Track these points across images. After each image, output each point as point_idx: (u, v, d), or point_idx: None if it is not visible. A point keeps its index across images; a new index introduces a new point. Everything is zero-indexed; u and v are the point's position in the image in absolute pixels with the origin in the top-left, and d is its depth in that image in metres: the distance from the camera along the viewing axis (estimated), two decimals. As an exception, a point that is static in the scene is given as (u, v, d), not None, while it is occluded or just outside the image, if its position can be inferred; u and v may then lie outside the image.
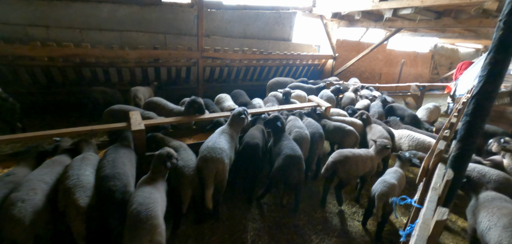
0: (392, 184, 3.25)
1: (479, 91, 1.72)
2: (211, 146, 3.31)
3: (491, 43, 1.69)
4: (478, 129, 1.76)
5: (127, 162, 2.84)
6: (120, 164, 2.72)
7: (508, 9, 1.60)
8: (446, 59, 15.94)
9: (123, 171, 2.65)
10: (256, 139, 3.84)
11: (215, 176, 3.24)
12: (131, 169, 2.86)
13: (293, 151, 3.62)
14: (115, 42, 6.64)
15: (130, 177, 2.70)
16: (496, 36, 1.65)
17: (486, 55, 1.72)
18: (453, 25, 7.13)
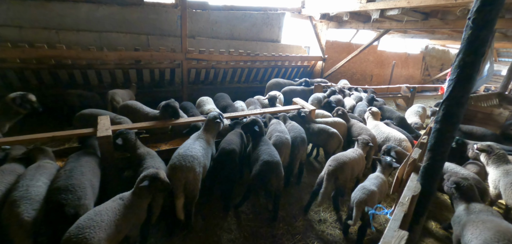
0: (371, 191, 3.08)
1: (448, 96, 1.57)
2: (183, 154, 3.12)
3: (460, 43, 1.54)
4: (449, 137, 1.61)
5: (86, 172, 2.64)
6: (77, 174, 2.51)
7: (477, 6, 1.45)
8: (437, 60, 15.99)
9: (79, 182, 2.44)
10: (233, 144, 3.66)
11: (185, 186, 3.05)
12: (91, 179, 2.65)
13: (271, 157, 3.45)
14: (94, 44, 6.41)
15: (87, 188, 2.49)
16: (465, 36, 1.51)
17: (456, 57, 1.57)
18: (440, 26, 7.06)
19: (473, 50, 1.48)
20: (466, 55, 1.50)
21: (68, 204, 2.24)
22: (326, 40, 10.27)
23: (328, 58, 10.51)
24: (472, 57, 1.48)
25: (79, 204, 2.29)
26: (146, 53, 6.39)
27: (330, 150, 4.68)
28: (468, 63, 1.49)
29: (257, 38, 9.39)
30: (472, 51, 1.48)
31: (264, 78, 9.29)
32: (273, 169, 3.38)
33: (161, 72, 7.15)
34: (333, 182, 3.55)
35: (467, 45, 1.49)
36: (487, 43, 1.47)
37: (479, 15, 1.44)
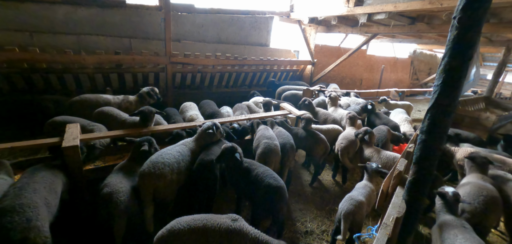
0: (359, 202, 2.90)
1: (434, 104, 1.41)
2: (154, 160, 2.93)
3: (445, 45, 1.39)
4: (435, 150, 1.45)
5: (41, 188, 2.36)
6: (28, 191, 2.24)
7: (463, 4, 1.30)
8: (425, 65, 16.19)
9: (29, 202, 2.16)
10: (212, 155, 3.39)
11: (155, 194, 2.85)
12: (47, 196, 2.38)
13: (277, 181, 3.02)
14: (72, 47, 6.09)
15: (40, 208, 2.21)
16: (450, 37, 1.36)
17: (441, 60, 1.42)
18: (427, 30, 7.06)
19: (460, 52, 1.33)
20: (452, 58, 1.35)
21: (13, 229, 1.96)
22: (315, 45, 10.21)
23: (318, 63, 10.45)
24: (458, 60, 1.33)
25: (28, 226, 2.02)
26: (127, 57, 6.13)
27: (316, 155, 4.54)
28: (454, 67, 1.34)
29: (245, 42, 9.23)
30: (459, 54, 1.34)
31: (252, 83, 9.12)
32: (282, 195, 2.95)
33: (145, 76, 6.89)
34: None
35: (453, 47, 1.34)
36: (475, 45, 1.33)
37: (466, 14, 1.29)
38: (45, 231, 2.11)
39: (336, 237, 2.97)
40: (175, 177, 3.01)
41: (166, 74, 6.87)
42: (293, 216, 3.93)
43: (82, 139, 3.21)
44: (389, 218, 1.39)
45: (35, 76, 5.61)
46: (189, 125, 4.25)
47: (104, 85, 6.40)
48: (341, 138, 4.60)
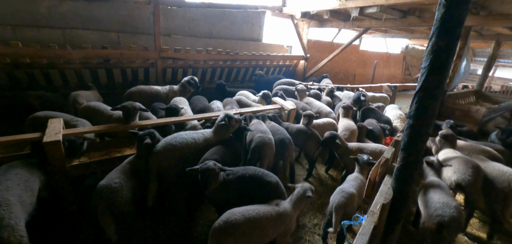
0: (350, 194, 2.85)
1: (421, 87, 1.36)
2: (168, 141, 3.24)
3: (433, 25, 1.33)
4: (424, 134, 1.40)
5: (14, 186, 2.25)
6: (0, 189, 2.13)
7: (451, -19, 1.24)
8: (417, 60, 16.32)
9: (0, 200, 2.05)
10: (215, 154, 3.24)
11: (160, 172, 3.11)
12: (22, 194, 2.26)
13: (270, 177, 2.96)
14: (57, 41, 5.91)
15: (14, 206, 2.10)
16: (438, 16, 1.30)
17: (428, 41, 1.36)
18: (418, 24, 7.07)
19: (448, 31, 1.28)
20: (439, 38, 1.29)
21: (-18, 228, 1.86)
22: (308, 40, 10.16)
23: (311, 58, 10.40)
24: (446, 39, 1.28)
25: (1, 225, 1.92)
26: (115, 52, 5.96)
27: (309, 150, 4.48)
28: (442, 47, 1.28)
29: (237, 37, 9.12)
30: (446, 33, 1.28)
31: (245, 78, 9.02)
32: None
33: (134, 71, 6.73)
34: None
35: (440, 26, 1.29)
36: (463, 23, 1.27)
37: (454, -9, 1.23)
38: (20, 229, 2.01)
39: (328, 229, 2.93)
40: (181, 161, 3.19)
41: (156, 69, 6.74)
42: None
43: (65, 134, 3.09)
44: (375, 205, 1.34)
45: (18, 72, 5.41)
46: (176, 119, 4.15)
47: (91, 80, 6.23)
48: (344, 129, 4.61)
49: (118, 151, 3.78)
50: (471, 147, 4.22)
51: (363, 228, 1.21)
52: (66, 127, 3.45)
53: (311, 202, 4.10)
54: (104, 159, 3.52)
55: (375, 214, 1.28)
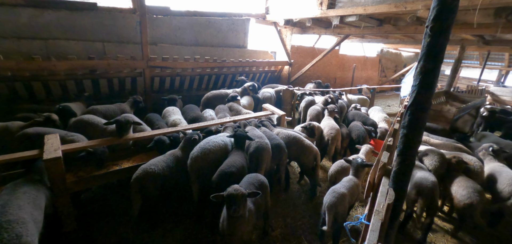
0: (341, 194, 3.13)
1: (413, 102, 1.61)
2: (202, 146, 3.65)
3: (420, 50, 1.59)
4: (416, 141, 1.66)
5: (25, 205, 2.25)
6: (13, 208, 2.13)
7: (433, 15, 1.51)
8: (392, 62, 17.33)
9: (16, 218, 2.06)
10: (233, 167, 3.37)
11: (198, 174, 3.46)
12: (32, 212, 2.27)
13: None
14: (39, 52, 5.71)
15: (28, 223, 2.12)
16: (424, 43, 1.56)
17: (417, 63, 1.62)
18: (393, 31, 7.62)
19: (433, 56, 1.54)
20: (427, 62, 1.55)
21: (4, 247, 1.87)
22: (291, 46, 10.51)
23: (294, 63, 10.76)
24: (432, 63, 1.54)
25: (19, 243, 1.93)
26: (102, 62, 5.88)
27: (306, 164, 4.31)
28: (429, 69, 1.54)
29: (223, 44, 9.24)
30: (432, 57, 1.54)
31: (232, 85, 9.15)
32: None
33: (121, 81, 6.64)
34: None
35: (427, 52, 1.54)
36: (444, 49, 1.54)
37: (436, 23, 1.50)
38: (36, 248, 2.03)
39: (323, 228, 3.17)
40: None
41: (144, 78, 6.69)
42: (284, 213, 4.05)
43: (64, 150, 3.07)
44: (380, 205, 1.56)
45: (-1, 85, 5.17)
46: (171, 130, 4.21)
47: (76, 92, 6.07)
48: (330, 128, 4.94)
49: (115, 164, 3.78)
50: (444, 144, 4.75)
51: (373, 225, 1.41)
52: (62, 142, 3.40)
53: (308, 202, 4.34)
54: (102, 173, 3.51)
55: (380, 213, 1.50)
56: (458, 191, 3.58)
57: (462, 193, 3.50)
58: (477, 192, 3.42)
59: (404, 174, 1.70)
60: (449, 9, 1.45)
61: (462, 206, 3.47)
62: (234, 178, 3.17)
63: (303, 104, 7.19)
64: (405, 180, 1.71)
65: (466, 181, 3.62)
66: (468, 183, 3.57)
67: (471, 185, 3.52)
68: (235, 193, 2.36)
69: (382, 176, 1.94)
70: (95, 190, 4.16)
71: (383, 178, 1.91)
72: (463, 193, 3.49)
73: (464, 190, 3.51)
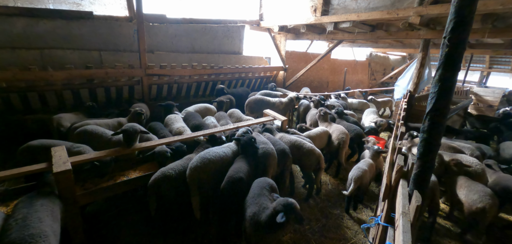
0: (364, 170, 4.01)
1: (432, 108, 1.71)
2: (202, 155, 3.54)
3: (439, 60, 1.70)
4: (435, 145, 1.76)
5: (45, 217, 2.21)
6: (34, 221, 2.10)
7: (451, 27, 1.62)
8: (380, 66, 17.86)
9: (39, 232, 2.03)
10: (240, 172, 3.32)
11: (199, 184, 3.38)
12: (52, 225, 2.23)
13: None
14: (35, 63, 5.58)
15: (50, 237, 2.09)
16: (442, 53, 1.67)
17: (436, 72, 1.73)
18: (385, 37, 7.90)
19: (451, 65, 1.65)
20: (445, 70, 1.66)
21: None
22: (286, 51, 10.68)
23: (288, 68, 10.92)
24: (450, 72, 1.65)
25: (43, 258, 1.90)
26: (100, 71, 5.79)
27: (307, 168, 4.42)
28: (447, 77, 1.65)
29: (219, 51, 9.29)
30: (450, 66, 1.65)
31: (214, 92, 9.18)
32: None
33: (119, 90, 6.55)
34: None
35: (445, 61, 1.65)
36: (462, 58, 1.66)
37: (454, 34, 1.61)
38: (58, 262, 1.99)
39: (344, 192, 4.05)
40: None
41: (142, 86, 6.63)
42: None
43: (73, 162, 3.01)
44: (405, 207, 1.64)
45: (-8, 97, 5.00)
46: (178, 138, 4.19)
47: (73, 102, 5.95)
48: (339, 132, 5.23)
49: (122, 174, 3.72)
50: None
51: (404, 227, 1.49)
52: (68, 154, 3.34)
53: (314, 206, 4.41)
54: (111, 185, 3.46)
55: (408, 214, 1.58)
56: (468, 195, 3.51)
57: (473, 197, 3.44)
58: (489, 196, 3.37)
59: (425, 177, 1.79)
60: (466, 21, 1.57)
61: (473, 210, 3.38)
62: (243, 184, 3.18)
63: (301, 108, 7.31)
64: (425, 182, 1.80)
65: (475, 185, 3.57)
66: (478, 187, 3.51)
67: (482, 189, 3.46)
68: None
69: (399, 179, 2.03)
70: (100, 202, 4.08)
71: (401, 180, 2.01)
72: (474, 197, 3.43)
73: (475, 194, 3.45)
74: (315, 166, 4.35)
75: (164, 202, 3.23)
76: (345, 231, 3.86)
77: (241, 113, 6.08)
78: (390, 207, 2.13)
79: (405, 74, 8.43)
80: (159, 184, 3.14)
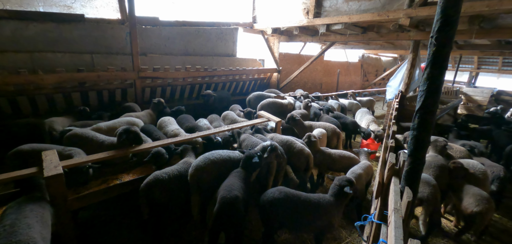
0: (359, 173, 3.92)
1: (421, 106, 1.76)
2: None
3: (427, 59, 1.75)
4: (425, 142, 1.80)
5: (34, 223, 2.17)
6: (22, 227, 2.05)
7: (438, 26, 1.67)
8: (372, 67, 18.13)
9: (27, 238, 1.99)
10: (235, 190, 2.94)
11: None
12: (41, 231, 2.19)
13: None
14: (25, 66, 5.48)
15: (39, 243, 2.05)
16: (430, 52, 1.71)
17: (424, 70, 1.77)
18: (376, 38, 8.03)
19: (438, 64, 1.70)
20: (434, 69, 1.71)
21: (19, 269, 1.80)
22: (279, 53, 10.75)
23: (282, 70, 10.98)
24: (438, 70, 1.70)
25: (35, 264, 1.86)
26: (92, 74, 5.72)
27: (299, 166, 4.43)
28: (435, 75, 1.70)
29: (212, 53, 9.29)
30: (437, 64, 1.70)
31: (222, 93, 9.19)
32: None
33: (111, 93, 6.48)
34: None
35: (433, 60, 1.70)
36: (448, 57, 1.71)
37: (441, 34, 1.66)
38: (47, 268, 1.95)
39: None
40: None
41: (135, 89, 6.58)
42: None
43: (65, 166, 2.97)
44: (396, 203, 1.68)
45: (-21, 101, 4.89)
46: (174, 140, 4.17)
47: (65, 106, 5.86)
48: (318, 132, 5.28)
49: (115, 178, 3.69)
50: None
51: (396, 223, 1.51)
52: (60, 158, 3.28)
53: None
54: (104, 188, 3.42)
55: (399, 211, 1.61)
56: (465, 198, 3.50)
57: (469, 200, 3.42)
58: (486, 200, 3.32)
59: (416, 173, 1.83)
60: (452, 21, 1.62)
61: (469, 213, 3.36)
62: (238, 201, 2.83)
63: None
64: (416, 179, 1.84)
65: (472, 188, 3.55)
66: (474, 190, 3.49)
67: (478, 192, 3.43)
68: None
69: (391, 176, 2.07)
70: (92, 207, 4.02)
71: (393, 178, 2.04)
72: (470, 200, 3.41)
73: (471, 197, 3.43)
74: (305, 165, 4.38)
75: (157, 206, 3.20)
76: (340, 231, 3.88)
77: (236, 115, 6.08)
78: (383, 205, 2.16)
79: (396, 75, 8.58)
80: (151, 188, 3.10)
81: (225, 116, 6.11)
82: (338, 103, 8.53)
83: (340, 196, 3.01)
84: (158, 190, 3.14)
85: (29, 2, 5.75)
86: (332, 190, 3.11)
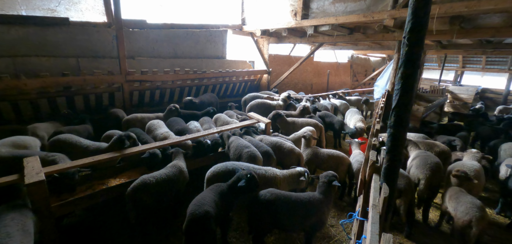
0: (362, 162, 3.87)
1: (397, 104, 1.81)
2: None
3: (400, 58, 1.80)
4: (402, 139, 1.85)
5: (14, 232, 2.12)
6: (1, 237, 2.01)
7: (409, 27, 1.73)
8: (362, 67, 18.41)
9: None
10: (206, 205, 2.70)
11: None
12: (22, 241, 2.15)
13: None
14: (6, 71, 5.34)
15: None
16: (403, 52, 1.77)
17: (398, 70, 1.83)
18: (363, 39, 8.18)
19: (411, 63, 1.76)
20: (406, 68, 1.77)
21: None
22: (269, 54, 10.80)
23: (272, 71, 11.04)
24: (411, 69, 1.76)
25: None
26: (78, 78, 5.63)
27: (288, 166, 4.33)
28: (409, 74, 1.76)
29: (202, 56, 9.27)
30: (410, 64, 1.76)
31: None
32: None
33: (98, 97, 6.38)
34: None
35: (406, 60, 1.76)
36: (420, 56, 1.77)
37: (412, 34, 1.72)
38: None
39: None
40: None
41: (123, 93, 6.50)
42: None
43: (47, 173, 2.91)
44: (375, 199, 1.72)
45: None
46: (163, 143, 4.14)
47: (50, 111, 5.73)
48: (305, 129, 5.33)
49: (102, 183, 3.64)
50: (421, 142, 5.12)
51: (373, 218, 1.55)
52: (43, 164, 3.22)
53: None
54: (89, 194, 3.36)
55: (377, 206, 1.65)
56: (457, 207, 3.32)
57: (460, 209, 3.24)
58: (477, 208, 3.12)
59: (394, 170, 1.88)
60: (422, 22, 1.68)
61: (460, 224, 3.19)
62: (208, 218, 2.59)
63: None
64: (394, 175, 1.89)
65: (464, 196, 3.38)
66: (466, 198, 3.32)
67: (470, 200, 3.25)
68: None
69: (372, 173, 2.12)
70: (79, 214, 3.95)
71: (374, 175, 2.09)
72: (461, 209, 3.23)
73: (462, 205, 3.25)
74: (296, 164, 4.38)
75: (144, 210, 3.17)
76: (329, 229, 3.93)
77: (228, 117, 6.09)
78: (366, 201, 2.21)
79: (383, 75, 8.75)
80: (138, 192, 3.08)
81: (217, 119, 6.10)
82: (331, 103, 8.74)
83: (329, 192, 3.08)
84: (145, 194, 3.12)
85: (11, 6, 5.63)
86: (321, 187, 3.15)
